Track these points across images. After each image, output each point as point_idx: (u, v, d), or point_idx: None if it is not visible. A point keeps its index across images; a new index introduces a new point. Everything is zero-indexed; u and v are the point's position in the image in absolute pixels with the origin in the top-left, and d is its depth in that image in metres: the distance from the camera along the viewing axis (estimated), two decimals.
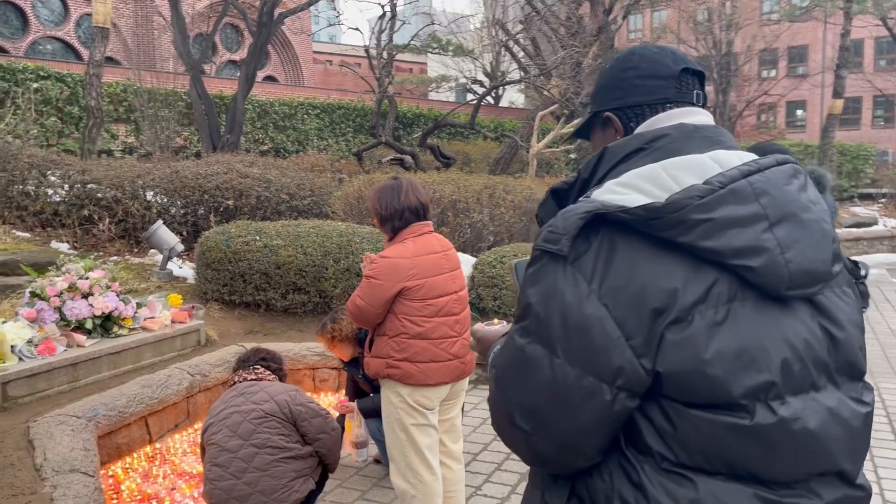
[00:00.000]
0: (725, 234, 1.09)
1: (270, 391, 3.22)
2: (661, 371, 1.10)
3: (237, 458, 3.03)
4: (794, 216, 1.13)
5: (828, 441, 1.12)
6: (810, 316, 1.15)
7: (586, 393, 1.11)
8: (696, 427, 1.10)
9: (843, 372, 1.17)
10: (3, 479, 3.24)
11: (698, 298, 1.09)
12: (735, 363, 1.08)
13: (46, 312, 4.53)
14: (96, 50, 9.72)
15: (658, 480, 1.11)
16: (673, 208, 1.09)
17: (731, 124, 24.89)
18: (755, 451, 1.10)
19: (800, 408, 1.10)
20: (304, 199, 8.04)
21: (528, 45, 16.87)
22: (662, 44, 1.49)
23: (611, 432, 1.15)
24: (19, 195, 7.24)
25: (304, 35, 29.46)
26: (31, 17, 24.52)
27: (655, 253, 1.11)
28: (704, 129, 1.25)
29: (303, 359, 5.47)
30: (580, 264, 1.13)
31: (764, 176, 1.14)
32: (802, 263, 1.11)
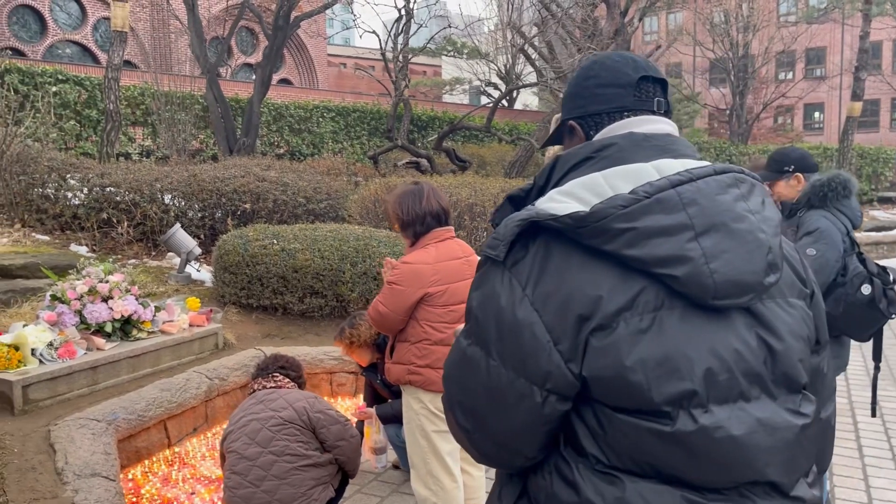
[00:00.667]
0: (649, 242, 1.11)
1: (289, 398, 3.21)
2: (587, 376, 1.13)
3: (256, 465, 3.02)
4: (723, 226, 1.14)
5: (754, 450, 1.12)
6: (746, 326, 1.15)
7: (518, 395, 1.16)
8: (623, 431, 1.13)
9: (781, 383, 1.17)
10: (25, 483, 3.25)
11: (623, 306, 1.12)
12: (657, 371, 1.10)
13: (67, 316, 4.54)
14: (115, 54, 9.79)
15: (590, 479, 1.15)
16: (596, 217, 1.13)
17: (747, 127, 24.73)
18: (678, 456, 1.12)
19: (724, 417, 1.11)
20: (321, 203, 8.04)
21: (543, 47, 16.83)
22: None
23: (546, 433, 1.19)
24: (39, 198, 7.29)
25: (319, 38, 29.57)
26: (49, 21, 24.78)
27: (586, 261, 1.14)
28: (655, 137, 1.27)
29: (320, 363, 5.46)
30: (517, 270, 1.17)
31: (695, 185, 1.15)
32: (729, 273, 1.12)
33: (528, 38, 16.08)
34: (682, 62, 31.45)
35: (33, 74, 11.93)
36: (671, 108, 1.38)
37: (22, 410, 4.00)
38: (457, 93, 35.33)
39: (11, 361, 4.13)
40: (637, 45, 26.60)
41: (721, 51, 24.11)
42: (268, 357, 3.59)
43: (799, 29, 26.25)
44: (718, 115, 29.15)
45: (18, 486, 3.22)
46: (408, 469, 3.72)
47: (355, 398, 5.54)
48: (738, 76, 23.83)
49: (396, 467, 4.30)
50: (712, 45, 24.38)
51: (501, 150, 16.25)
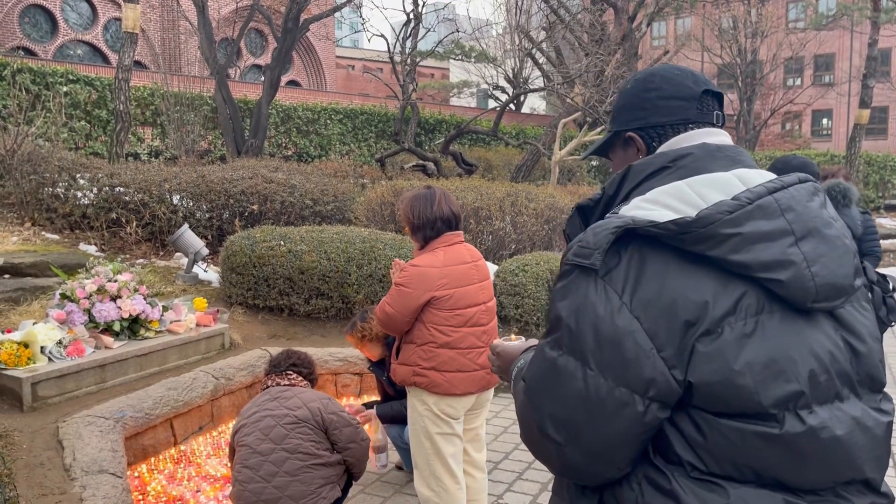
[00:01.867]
0: (754, 248, 1.13)
1: (304, 398, 3.26)
2: (693, 381, 1.13)
3: (268, 461, 3.07)
4: (817, 231, 1.18)
5: (854, 449, 1.15)
6: (833, 329, 1.19)
7: (619, 404, 1.14)
8: (725, 436, 1.13)
9: (865, 384, 1.20)
10: (34, 479, 3.30)
11: (728, 311, 1.13)
12: (764, 373, 1.11)
13: (76, 314, 4.60)
14: (125, 55, 9.86)
15: (689, 487, 1.14)
16: (703, 223, 1.14)
17: (755, 133, 24.70)
18: (784, 459, 1.13)
19: (826, 417, 1.14)
20: (328, 205, 8.09)
21: (551, 51, 16.86)
22: (681, 64, 1.56)
23: (642, 443, 1.18)
24: (49, 197, 7.35)
25: (327, 40, 29.67)
26: (60, 21, 24.93)
27: (685, 266, 1.15)
28: (726, 148, 1.30)
29: (325, 364, 5.50)
30: (611, 278, 1.17)
31: (788, 193, 1.19)
32: (827, 277, 1.15)
33: (536, 43, 16.12)
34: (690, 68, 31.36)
35: (45, 74, 12.03)
36: (726, 121, 1.41)
37: (31, 407, 4.05)
38: (464, 96, 35.37)
39: (21, 359, 4.19)
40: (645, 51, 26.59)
41: (729, 56, 24.09)
42: (280, 353, 3.62)
43: (807, 35, 26.21)
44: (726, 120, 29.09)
45: (27, 481, 3.26)
46: (411, 470, 3.76)
47: (360, 399, 5.58)
48: (746, 82, 23.80)
49: (399, 468, 4.33)
50: (720, 51, 24.36)
51: (508, 153, 16.29)
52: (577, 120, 14.68)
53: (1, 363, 4.13)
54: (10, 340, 4.25)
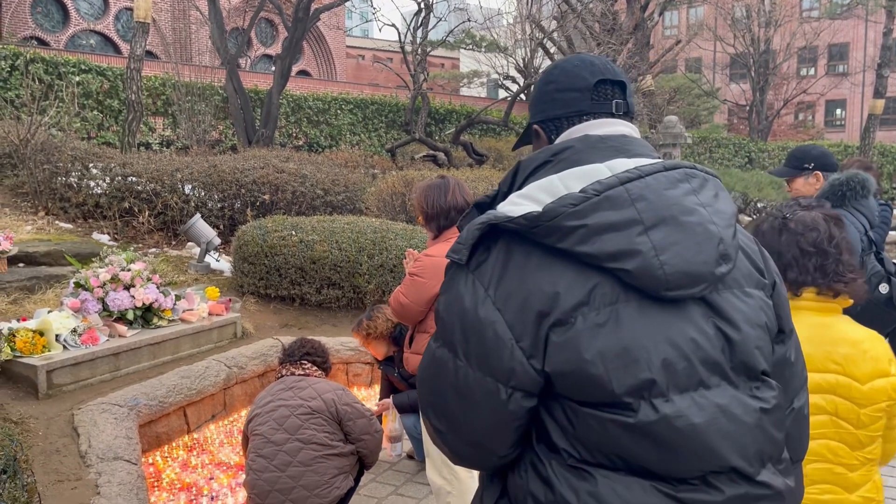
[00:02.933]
0: (600, 238, 1.15)
1: (318, 388, 3.28)
2: (549, 371, 1.16)
3: (282, 451, 3.10)
4: (672, 219, 1.17)
5: (715, 437, 1.15)
6: (703, 316, 1.18)
7: (484, 392, 1.19)
8: (589, 425, 1.16)
9: (740, 371, 1.19)
10: (50, 465, 3.34)
11: (580, 301, 1.15)
12: (616, 362, 1.13)
13: (90, 303, 4.63)
14: (137, 45, 9.88)
15: (563, 475, 1.18)
16: (548, 216, 1.16)
17: (767, 123, 24.51)
18: (644, 446, 1.14)
19: (684, 405, 1.14)
20: (339, 195, 8.10)
21: (562, 41, 16.77)
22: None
23: (515, 430, 1.22)
24: (62, 187, 7.40)
25: (338, 30, 29.62)
26: (72, 11, 25.00)
27: (544, 260, 1.18)
28: (610, 139, 1.30)
29: (336, 353, 5.52)
30: (480, 272, 1.21)
31: (643, 182, 1.19)
32: (679, 265, 1.15)
33: (547, 32, 16.03)
34: (703, 57, 31.18)
35: (57, 64, 12.07)
36: (633, 110, 1.40)
37: (46, 395, 4.09)
38: (474, 86, 35.25)
39: (36, 347, 4.23)
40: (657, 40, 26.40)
41: (742, 46, 23.89)
42: (294, 342, 3.63)
43: (821, 24, 25.94)
44: (738, 111, 28.90)
45: (44, 467, 3.30)
46: (423, 459, 3.77)
47: (370, 388, 5.60)
48: (759, 72, 23.60)
49: (411, 457, 4.35)
50: (733, 41, 24.16)
51: None
52: None
53: (16, 351, 4.17)
54: (25, 328, 4.29)
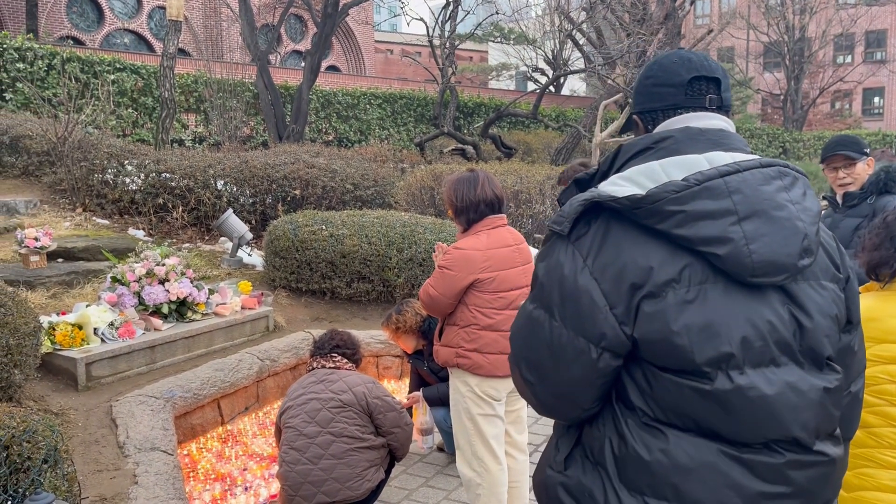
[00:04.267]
0: (696, 224, 1.27)
1: (349, 381, 3.30)
2: (637, 337, 1.29)
3: (314, 444, 3.14)
4: (764, 213, 1.29)
5: (782, 409, 1.28)
6: (780, 303, 1.31)
7: (576, 351, 1.33)
8: (667, 388, 1.29)
9: (807, 355, 1.32)
10: (89, 455, 3.42)
11: (672, 278, 1.27)
12: (700, 335, 1.26)
13: (126, 297, 4.73)
14: (170, 43, 10.03)
15: (637, 431, 1.32)
16: (651, 200, 1.28)
17: (803, 112, 24.05)
18: (715, 412, 1.28)
19: (757, 378, 1.27)
20: (368, 190, 8.15)
21: (591, 32, 16.62)
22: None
23: (600, 386, 1.36)
24: (99, 184, 7.55)
25: (366, 25, 29.70)
26: (106, 10, 25.42)
27: (640, 237, 1.30)
28: (709, 132, 1.41)
29: (366, 346, 5.56)
30: (580, 244, 1.34)
31: (741, 176, 1.31)
32: (766, 255, 1.27)
33: (576, 24, 15.90)
34: (735, 46, 30.67)
35: (93, 63, 12.30)
36: (728, 104, 1.49)
37: (85, 387, 4.19)
38: (503, 79, 35.12)
39: (75, 340, 4.33)
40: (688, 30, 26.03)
41: (776, 34, 23.45)
42: (324, 335, 3.65)
43: (858, 11, 25.35)
44: (772, 100, 28.38)
45: (83, 458, 3.39)
46: (453, 452, 3.79)
47: (400, 381, 5.64)
48: (794, 60, 23.14)
49: (441, 450, 4.38)
50: (767, 29, 23.72)
51: (548, 136, 16.16)
52: (619, 102, 14.47)
53: (56, 344, 4.28)
54: (64, 322, 4.40)
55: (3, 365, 3.23)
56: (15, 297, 3.58)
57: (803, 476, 1.32)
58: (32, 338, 3.52)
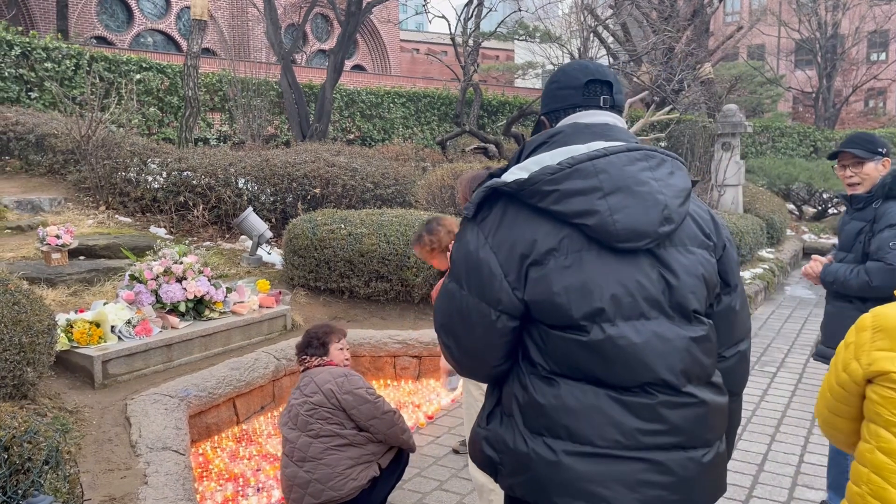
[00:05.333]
0: (569, 200, 1.49)
1: (318, 380, 3.26)
2: (527, 300, 1.52)
3: (297, 447, 3.18)
4: (627, 188, 1.50)
5: (650, 354, 1.49)
6: (650, 265, 1.52)
7: (479, 314, 1.56)
8: (556, 343, 1.52)
9: (676, 309, 1.53)
10: (101, 454, 3.42)
11: (552, 247, 1.50)
12: (575, 295, 1.48)
13: (144, 295, 4.74)
14: (194, 42, 10.08)
15: (536, 382, 1.55)
16: (531, 182, 1.52)
17: (835, 111, 23.57)
18: (594, 360, 1.49)
19: (627, 330, 1.48)
20: (388, 188, 8.11)
21: (617, 30, 16.43)
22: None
23: (502, 346, 1.59)
24: (122, 182, 7.60)
25: (391, 24, 29.71)
26: (136, 11, 25.72)
27: (529, 216, 1.53)
28: (595, 126, 1.63)
29: (384, 346, 5.53)
30: (483, 224, 1.58)
31: (607, 159, 1.53)
32: (628, 223, 1.48)
33: (601, 20, 15.72)
34: (766, 44, 30.14)
35: (119, 62, 12.41)
36: (620, 104, 1.73)
37: (102, 384, 4.20)
38: (529, 77, 34.92)
39: (93, 337, 4.35)
40: (717, 27, 25.65)
41: (808, 31, 23.00)
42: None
43: (893, 7, 24.77)
44: (803, 98, 27.87)
45: (95, 456, 3.38)
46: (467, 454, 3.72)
47: (418, 381, 5.59)
48: (826, 57, 22.68)
49: (456, 452, 4.32)
50: (798, 25, 23.28)
51: None
52: (645, 99, 14.29)
53: (73, 341, 4.30)
54: (82, 320, 4.42)
55: (17, 363, 3.23)
56: (30, 295, 3.59)
57: (676, 415, 1.51)
58: (46, 336, 3.52)
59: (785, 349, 6.72)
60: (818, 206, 16.14)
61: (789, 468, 4.12)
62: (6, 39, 10.67)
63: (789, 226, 13.11)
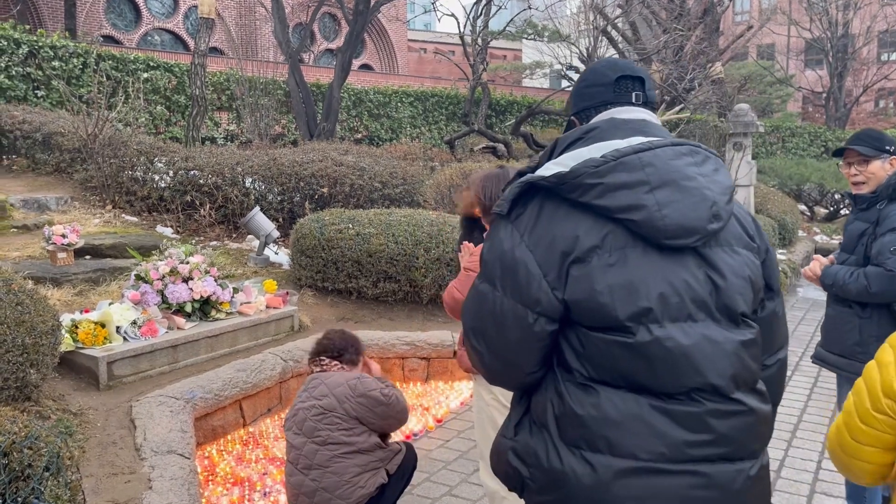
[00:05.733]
0: (614, 195, 1.42)
1: (330, 383, 3.14)
2: (568, 300, 1.43)
3: (302, 454, 3.07)
4: (674, 182, 1.43)
5: (699, 357, 1.41)
6: (696, 265, 1.44)
7: (516, 317, 1.47)
8: (597, 346, 1.43)
9: (723, 311, 1.45)
10: (105, 458, 3.35)
11: (595, 244, 1.42)
12: (620, 293, 1.40)
13: (150, 295, 4.68)
14: (201, 40, 10.04)
15: (572, 390, 1.46)
16: (573, 175, 1.44)
17: (846, 111, 23.39)
18: (639, 364, 1.40)
19: (675, 331, 1.40)
20: (397, 188, 8.03)
21: (626, 29, 16.31)
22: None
23: (539, 350, 1.49)
24: (128, 181, 7.55)
25: (399, 23, 29.65)
26: (144, 10, 25.74)
27: (569, 211, 1.45)
28: (631, 122, 1.56)
29: (392, 348, 5.45)
30: (518, 222, 1.50)
31: (653, 152, 1.45)
32: (677, 219, 1.41)
33: (610, 20, 15.61)
34: (776, 43, 29.96)
35: (126, 61, 12.39)
36: (652, 100, 1.66)
37: (107, 386, 4.14)
38: (537, 77, 34.79)
39: (98, 338, 4.29)
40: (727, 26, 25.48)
41: (819, 30, 22.83)
42: (317, 339, 3.51)
43: None
44: (813, 98, 27.69)
45: (99, 460, 3.32)
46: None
47: (427, 384, 5.52)
48: (837, 57, 22.51)
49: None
50: (809, 25, 23.12)
51: None
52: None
53: (78, 342, 4.24)
54: (87, 320, 4.35)
55: (19, 364, 3.17)
56: (34, 296, 3.53)
57: (725, 425, 1.42)
58: (50, 336, 3.46)
59: (799, 352, 6.61)
60: (830, 206, 15.99)
61: (807, 475, 4.03)
62: (13, 38, 10.65)
63: (801, 227, 12.98)
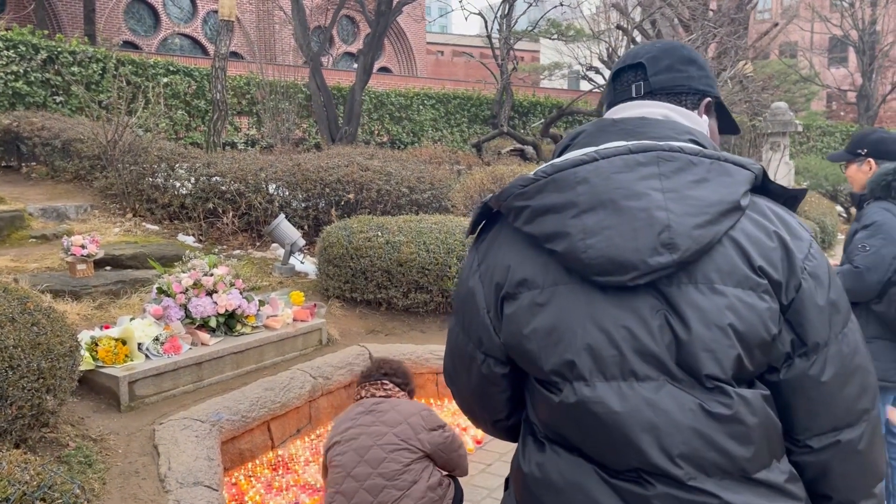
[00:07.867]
0: (541, 220, 1.17)
1: (402, 410, 2.89)
2: (503, 341, 1.23)
3: (363, 488, 2.72)
4: (611, 203, 1.13)
5: (634, 430, 1.09)
6: (651, 307, 1.11)
7: (468, 356, 1.30)
8: (537, 399, 1.21)
9: (685, 369, 1.10)
10: (127, 489, 3.10)
11: (525, 277, 1.18)
12: (545, 340, 1.15)
13: (172, 310, 4.44)
14: (221, 43, 9.84)
15: (529, 444, 1.25)
16: (502, 197, 1.23)
17: (875, 110, 22.84)
18: (570, 428, 1.15)
19: (606, 393, 1.10)
20: (424, 193, 7.76)
21: (648, 29, 15.95)
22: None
23: (493, 395, 1.30)
24: (149, 188, 7.34)
25: (416, 22, 29.44)
26: (163, 16, 25.73)
27: (514, 238, 1.23)
28: (624, 122, 1.28)
29: (425, 362, 5.18)
30: (478, 248, 1.32)
31: (594, 164, 1.16)
32: (604, 250, 1.11)
33: (630, 19, 15.27)
34: (799, 40, 29.40)
35: (146, 66, 12.24)
36: (661, 85, 1.34)
37: (128, 406, 3.90)
38: (555, 78, 34.49)
39: (118, 356, 4.05)
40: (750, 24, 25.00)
41: (848, 26, 22.33)
42: (372, 363, 3.30)
43: None
44: (838, 96, 27.11)
45: (121, 492, 3.07)
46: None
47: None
48: (868, 54, 22.00)
49: None
50: (839, 21, 22.61)
51: None
52: None
53: (98, 361, 4.00)
54: (107, 337, 4.12)
55: (35, 391, 2.92)
56: (51, 314, 3.28)
57: None
58: (68, 359, 3.21)
59: None
60: None
61: None
62: (32, 43, 10.52)
63: (838, 229, 12.56)
